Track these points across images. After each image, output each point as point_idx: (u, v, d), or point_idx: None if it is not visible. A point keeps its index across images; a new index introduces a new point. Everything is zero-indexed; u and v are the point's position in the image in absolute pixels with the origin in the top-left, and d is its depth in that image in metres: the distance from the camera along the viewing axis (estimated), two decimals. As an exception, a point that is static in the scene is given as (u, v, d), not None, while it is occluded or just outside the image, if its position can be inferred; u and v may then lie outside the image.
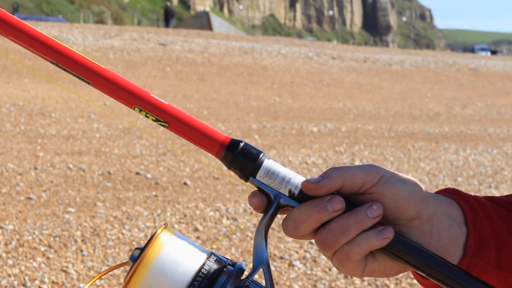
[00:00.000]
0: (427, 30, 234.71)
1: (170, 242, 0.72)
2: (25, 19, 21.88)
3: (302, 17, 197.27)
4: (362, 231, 0.71)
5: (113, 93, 0.73)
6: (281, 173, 0.72)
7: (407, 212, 0.73)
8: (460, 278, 0.71)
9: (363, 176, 0.72)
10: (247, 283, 0.71)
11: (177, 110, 0.73)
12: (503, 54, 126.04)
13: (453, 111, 13.01)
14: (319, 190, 0.71)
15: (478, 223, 0.77)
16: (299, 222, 0.71)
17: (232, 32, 43.87)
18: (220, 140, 0.73)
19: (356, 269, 0.73)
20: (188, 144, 7.21)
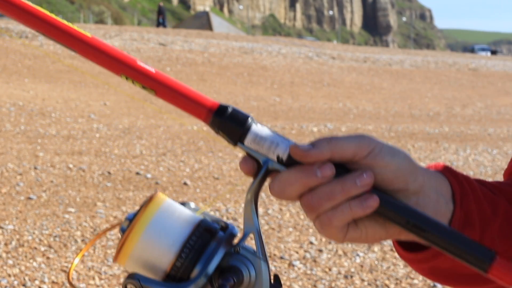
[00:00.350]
0: (427, 30, 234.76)
1: (159, 212, 0.72)
2: (25, 19, 21.49)
3: (302, 17, 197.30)
4: (348, 198, 0.70)
5: (100, 61, 0.73)
6: (269, 139, 0.72)
7: (394, 184, 0.72)
8: (450, 235, 0.70)
9: (353, 149, 0.71)
10: (238, 249, 0.71)
11: (164, 76, 0.73)
12: (503, 54, 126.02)
13: (453, 111, 13.01)
14: (305, 158, 0.70)
15: (465, 201, 0.77)
16: (286, 185, 0.70)
17: (232, 32, 43.88)
18: (208, 105, 0.72)
19: (338, 235, 0.72)
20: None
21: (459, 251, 0.69)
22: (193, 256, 0.70)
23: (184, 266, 0.70)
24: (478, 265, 0.69)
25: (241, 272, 0.70)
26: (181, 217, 0.73)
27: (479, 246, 0.69)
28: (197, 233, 0.71)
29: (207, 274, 0.69)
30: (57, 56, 14.87)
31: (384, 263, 4.18)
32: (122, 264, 0.73)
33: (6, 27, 17.85)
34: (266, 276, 0.71)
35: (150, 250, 0.70)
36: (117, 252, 0.71)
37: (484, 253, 0.69)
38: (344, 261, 4.17)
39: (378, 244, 4.48)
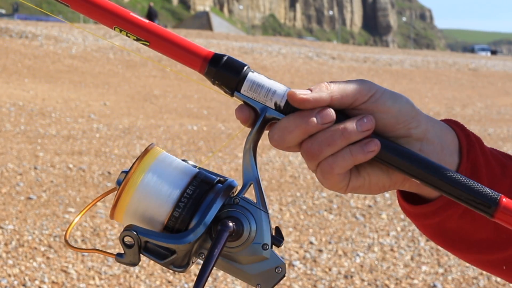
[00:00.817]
0: (427, 30, 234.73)
1: (155, 163, 0.70)
2: (25, 19, 21.88)
3: (302, 17, 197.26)
4: (349, 144, 0.69)
5: (93, 14, 0.71)
6: (266, 86, 0.70)
7: (396, 130, 0.71)
8: (453, 179, 0.68)
9: (353, 94, 0.69)
10: (237, 200, 0.70)
11: (157, 27, 0.72)
12: (503, 54, 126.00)
13: (453, 111, 13.01)
14: (304, 104, 0.68)
15: (472, 153, 0.75)
16: (286, 132, 0.69)
17: (232, 32, 43.87)
18: (202, 54, 0.71)
19: (340, 184, 0.71)
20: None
21: (463, 194, 0.67)
22: (191, 206, 0.68)
23: (182, 216, 0.68)
24: (483, 209, 0.66)
25: (240, 222, 0.69)
26: (178, 168, 0.71)
27: (484, 189, 0.67)
28: (194, 183, 0.69)
29: (206, 224, 0.67)
30: (57, 56, 14.87)
31: (384, 263, 4.18)
32: (119, 219, 0.70)
33: (6, 27, 17.85)
34: (267, 227, 0.69)
35: (147, 201, 0.68)
36: (113, 207, 0.69)
37: (489, 197, 0.66)
38: (344, 261, 4.17)
39: (378, 244, 4.49)
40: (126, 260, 0.69)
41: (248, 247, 0.69)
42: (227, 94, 0.71)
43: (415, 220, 0.78)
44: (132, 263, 0.69)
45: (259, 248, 0.69)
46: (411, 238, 4.65)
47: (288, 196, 5.45)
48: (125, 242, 0.68)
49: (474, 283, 3.98)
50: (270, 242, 0.69)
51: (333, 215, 5.07)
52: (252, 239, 0.69)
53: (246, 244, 0.69)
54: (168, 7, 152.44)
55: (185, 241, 0.67)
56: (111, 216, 0.70)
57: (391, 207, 5.34)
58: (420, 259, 4.28)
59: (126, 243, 0.68)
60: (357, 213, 5.13)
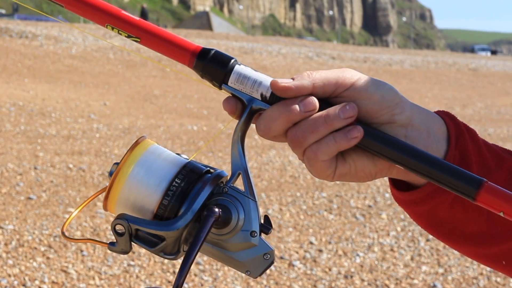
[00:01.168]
0: (427, 30, 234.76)
1: (145, 155, 0.72)
2: (25, 19, 21.90)
3: (302, 17, 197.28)
4: (332, 131, 0.70)
5: (86, 13, 0.74)
6: (252, 77, 0.72)
7: (380, 116, 0.72)
8: (435, 163, 0.69)
9: (335, 81, 0.71)
10: (226, 189, 0.71)
11: (148, 24, 0.74)
12: (503, 54, 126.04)
13: (453, 111, 13.00)
14: (286, 92, 0.70)
15: (461, 141, 0.75)
16: (270, 121, 0.70)
17: (232, 32, 43.89)
18: (191, 49, 0.73)
19: (326, 171, 0.72)
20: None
21: (445, 179, 0.68)
22: (179, 194, 0.70)
23: (171, 204, 0.70)
24: (465, 192, 0.67)
25: (228, 210, 0.70)
26: (168, 158, 0.73)
27: (466, 173, 0.68)
28: (183, 172, 0.71)
29: (194, 211, 0.69)
30: (57, 56, 14.87)
31: (384, 263, 4.18)
32: (112, 210, 0.72)
33: (6, 27, 17.85)
34: (255, 215, 0.71)
35: (137, 190, 0.71)
36: (105, 198, 0.71)
37: (471, 180, 0.67)
38: (344, 261, 4.17)
39: (378, 244, 4.49)
40: (118, 249, 0.71)
41: (236, 234, 0.71)
42: (215, 87, 0.73)
43: (406, 208, 0.79)
44: (123, 251, 0.71)
45: (248, 235, 0.71)
46: (411, 238, 4.65)
47: (288, 196, 5.45)
48: (117, 230, 0.70)
49: (474, 283, 3.98)
50: (258, 230, 0.71)
51: (333, 215, 5.07)
52: (241, 226, 0.70)
53: (234, 231, 0.70)
54: (168, 7, 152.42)
55: (173, 227, 0.69)
56: (104, 207, 0.72)
57: (391, 207, 5.34)
58: (420, 259, 4.28)
59: (118, 232, 0.70)
60: (357, 213, 5.13)
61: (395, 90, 0.73)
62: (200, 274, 3.80)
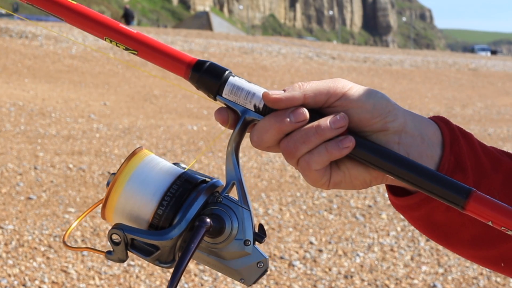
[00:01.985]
0: (427, 30, 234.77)
1: (141, 165, 0.73)
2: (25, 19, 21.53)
3: (302, 17, 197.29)
4: (324, 141, 0.71)
5: (85, 26, 0.76)
6: (246, 89, 0.73)
7: (373, 124, 0.72)
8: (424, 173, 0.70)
9: (326, 91, 0.72)
10: (220, 199, 0.73)
11: (144, 37, 0.76)
12: (503, 54, 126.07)
13: (453, 111, 13.01)
14: (277, 103, 0.71)
15: (455, 146, 0.76)
16: (262, 132, 0.72)
17: (232, 32, 43.90)
18: (186, 61, 0.75)
19: (321, 180, 0.73)
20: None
21: (434, 188, 0.69)
22: (174, 204, 0.71)
23: (165, 214, 0.71)
24: (454, 201, 0.68)
25: (222, 219, 0.71)
26: (163, 169, 0.74)
27: (455, 182, 0.69)
28: (178, 182, 0.73)
29: (187, 220, 0.70)
30: (57, 56, 14.87)
31: (384, 263, 4.18)
32: (109, 219, 0.74)
33: (6, 27, 17.85)
34: (248, 224, 0.72)
35: (133, 200, 0.72)
36: (103, 207, 0.73)
37: (459, 190, 0.68)
38: (344, 261, 4.17)
39: (378, 244, 4.49)
40: (115, 257, 0.72)
41: (230, 243, 0.72)
42: (210, 99, 0.75)
43: (403, 213, 0.80)
44: (120, 260, 0.72)
45: (241, 244, 0.72)
46: (411, 238, 4.65)
47: (288, 196, 5.45)
48: (113, 239, 0.71)
49: (474, 283, 3.98)
50: (252, 238, 0.72)
51: (333, 215, 5.07)
52: (234, 235, 0.72)
53: (228, 240, 0.72)
54: (168, 7, 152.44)
55: (167, 237, 0.70)
56: (102, 216, 0.74)
57: (391, 207, 5.34)
58: (420, 259, 4.28)
59: (114, 241, 0.71)
60: (357, 213, 5.13)
61: (386, 98, 0.74)
62: (200, 274, 3.80)
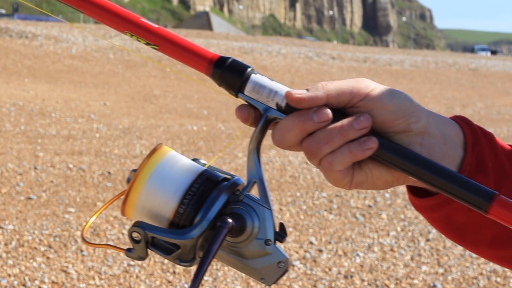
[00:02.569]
0: (427, 30, 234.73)
1: (162, 162, 0.73)
2: (25, 19, 21.90)
3: (302, 17, 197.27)
4: (347, 142, 0.70)
5: (105, 19, 0.75)
6: (268, 87, 0.72)
7: (396, 125, 0.72)
8: (447, 175, 0.69)
9: (350, 91, 0.71)
10: (241, 197, 0.72)
11: (166, 31, 0.75)
12: (503, 54, 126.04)
13: (453, 111, 13.01)
14: (301, 103, 0.71)
15: (477, 147, 0.75)
16: (285, 131, 0.71)
17: (232, 32, 43.89)
18: (208, 57, 0.74)
19: (343, 180, 0.73)
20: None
21: (457, 191, 0.69)
22: (195, 202, 0.71)
23: (186, 213, 0.71)
24: (477, 205, 0.68)
25: (243, 218, 0.71)
26: (184, 166, 0.74)
27: (478, 186, 0.68)
28: (199, 180, 0.72)
29: (209, 219, 0.70)
30: (57, 56, 14.87)
31: (384, 263, 4.18)
32: (129, 215, 0.73)
33: (6, 27, 17.84)
34: (270, 224, 0.71)
35: (154, 198, 0.71)
36: (123, 203, 0.72)
37: (483, 193, 0.68)
38: (344, 261, 4.17)
39: (378, 244, 4.49)
40: (135, 255, 0.72)
41: (251, 242, 0.71)
42: (231, 95, 0.74)
43: (423, 213, 0.80)
44: (140, 258, 0.72)
45: (262, 243, 0.71)
46: (411, 238, 4.65)
47: (288, 196, 5.45)
48: (133, 237, 0.71)
49: (474, 283, 3.98)
50: (273, 238, 0.71)
51: (333, 215, 5.07)
52: (255, 234, 0.71)
53: (249, 239, 0.71)
54: (168, 7, 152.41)
55: (188, 236, 0.70)
56: (122, 212, 0.73)
57: (391, 207, 5.34)
58: (420, 259, 4.28)
59: (134, 239, 0.71)
60: (357, 213, 5.13)
61: (410, 98, 0.73)
62: (200, 274, 3.80)
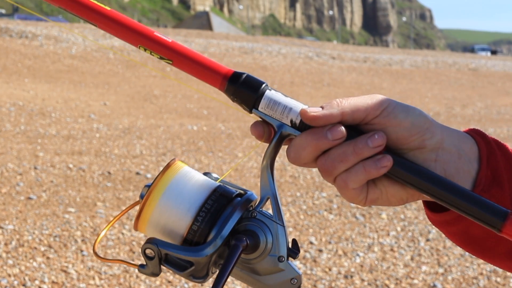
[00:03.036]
0: (427, 30, 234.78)
1: (176, 178, 0.73)
2: (25, 19, 21.93)
3: (302, 17, 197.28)
4: (362, 160, 0.71)
5: (119, 33, 0.75)
6: (282, 103, 0.73)
7: (410, 142, 0.72)
8: (462, 194, 0.70)
9: (365, 109, 0.71)
10: (254, 214, 0.72)
11: (180, 46, 0.74)
12: (503, 54, 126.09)
13: (453, 111, 13.01)
14: (315, 121, 0.71)
15: (492, 159, 0.75)
16: (300, 149, 0.71)
17: (232, 32, 43.90)
18: (222, 72, 0.74)
19: (358, 197, 0.73)
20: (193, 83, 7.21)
21: (471, 209, 0.69)
22: (209, 219, 0.71)
23: (200, 230, 0.71)
24: (490, 223, 0.68)
25: (257, 235, 0.71)
26: (198, 182, 0.73)
27: (492, 204, 0.69)
28: (213, 197, 0.72)
29: (223, 237, 0.70)
30: (57, 56, 14.87)
31: (384, 263, 4.18)
32: (142, 230, 0.73)
33: (6, 27, 17.84)
34: (283, 240, 0.71)
35: (168, 214, 0.71)
36: (136, 219, 0.72)
37: (496, 212, 0.68)
38: (344, 261, 4.17)
39: (378, 244, 4.49)
40: (148, 271, 0.72)
41: (264, 259, 0.72)
42: (245, 111, 0.74)
43: (440, 227, 0.80)
44: (153, 274, 0.72)
45: (275, 260, 0.72)
46: (411, 238, 4.65)
47: (288, 196, 5.45)
48: (147, 254, 0.71)
49: (474, 283, 3.98)
50: (286, 254, 0.72)
51: (333, 215, 5.07)
52: (269, 251, 0.72)
53: (262, 256, 0.72)
54: (168, 7, 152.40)
55: (202, 254, 0.70)
56: (135, 227, 0.73)
57: (391, 207, 5.34)
58: (420, 259, 4.28)
59: (148, 255, 0.71)
60: (357, 213, 5.13)
61: (424, 115, 0.73)
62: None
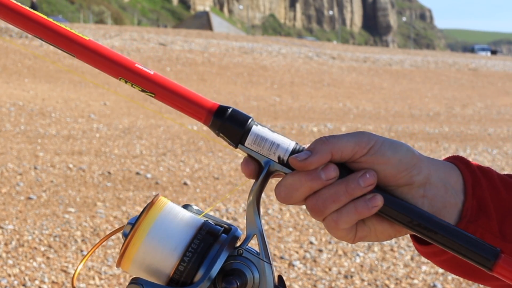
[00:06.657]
0: (427, 30, 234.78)
1: (161, 216, 0.71)
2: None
3: (302, 17, 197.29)
4: (353, 199, 0.70)
5: (98, 64, 0.72)
6: (270, 139, 0.71)
7: (398, 179, 0.71)
8: (452, 233, 0.70)
9: (352, 147, 0.70)
10: (241, 251, 0.71)
11: (163, 79, 0.72)
12: (503, 54, 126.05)
13: (453, 111, 13.01)
14: (308, 167, 0.69)
15: (477, 189, 0.75)
16: (292, 190, 0.70)
17: (232, 32, 43.90)
18: (207, 106, 0.71)
19: (347, 236, 0.72)
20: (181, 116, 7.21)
21: (462, 249, 0.69)
22: (196, 259, 0.69)
23: (187, 270, 0.69)
24: (482, 263, 0.68)
25: (244, 274, 0.70)
26: (183, 220, 0.72)
27: (483, 244, 0.69)
28: (199, 236, 0.71)
29: (210, 278, 0.68)
30: (57, 56, 14.87)
31: (384, 263, 4.18)
32: (126, 269, 0.72)
33: (6, 27, 17.84)
34: (270, 278, 0.71)
35: (153, 254, 0.70)
36: (120, 257, 0.71)
37: (488, 251, 0.68)
38: (344, 261, 4.17)
39: (378, 244, 4.49)
40: None
41: None
42: (230, 146, 0.72)
43: (430, 259, 0.80)
44: None
45: None
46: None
47: (288, 196, 5.45)
48: None
49: (474, 283, 3.98)
50: None
51: (333, 215, 5.07)
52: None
53: None
54: (168, 7, 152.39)
55: None
56: (118, 264, 0.71)
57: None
58: (420, 259, 4.28)
59: None
60: (357, 213, 5.13)
61: (412, 150, 0.73)
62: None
